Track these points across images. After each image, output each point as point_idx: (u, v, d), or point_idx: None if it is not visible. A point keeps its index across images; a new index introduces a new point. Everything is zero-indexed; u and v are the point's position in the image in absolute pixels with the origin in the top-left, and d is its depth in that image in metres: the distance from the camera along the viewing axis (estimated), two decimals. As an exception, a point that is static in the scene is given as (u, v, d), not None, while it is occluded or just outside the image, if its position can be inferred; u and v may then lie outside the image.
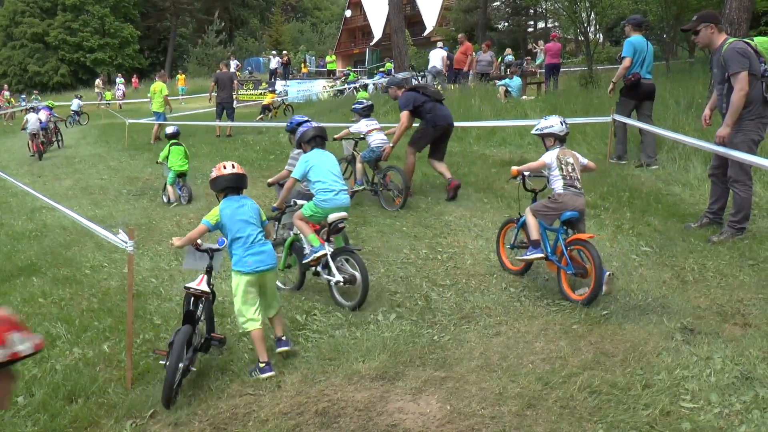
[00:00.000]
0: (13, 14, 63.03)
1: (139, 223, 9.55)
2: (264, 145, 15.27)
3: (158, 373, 4.93)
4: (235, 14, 70.03)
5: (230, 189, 4.98)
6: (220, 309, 6.09)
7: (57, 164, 16.04)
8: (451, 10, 46.26)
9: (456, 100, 15.08)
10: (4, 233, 9.73)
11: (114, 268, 7.68)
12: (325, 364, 4.87)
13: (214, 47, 54.36)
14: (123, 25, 61.97)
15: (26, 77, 61.64)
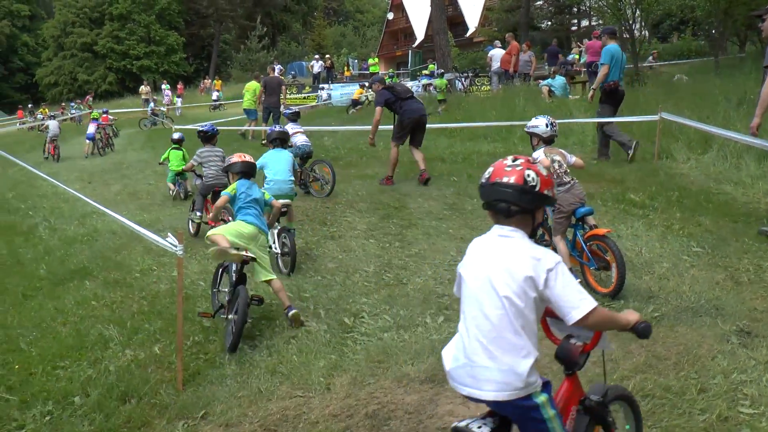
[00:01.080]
0: (64, 25, 65.17)
1: (185, 227, 9.72)
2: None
3: (209, 374, 5.02)
4: (277, 19, 70.82)
5: (244, 173, 6.17)
6: (267, 311, 6.17)
7: (106, 170, 16.44)
8: (494, 10, 45.98)
9: (500, 101, 15.00)
10: (58, 238, 9.99)
11: (163, 271, 7.83)
12: (374, 366, 4.89)
13: (257, 52, 54.99)
14: (168, 33, 63.37)
15: (76, 86, 63.58)
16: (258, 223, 5.95)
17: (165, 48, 63.34)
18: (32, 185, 14.60)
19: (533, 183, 2.62)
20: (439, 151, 13.21)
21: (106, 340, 5.81)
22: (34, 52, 76.10)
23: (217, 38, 66.33)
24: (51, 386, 4.93)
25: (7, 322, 6.55)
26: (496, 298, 2.55)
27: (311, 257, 7.80)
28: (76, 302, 6.96)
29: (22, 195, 13.65)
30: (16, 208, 12.32)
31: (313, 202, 10.16)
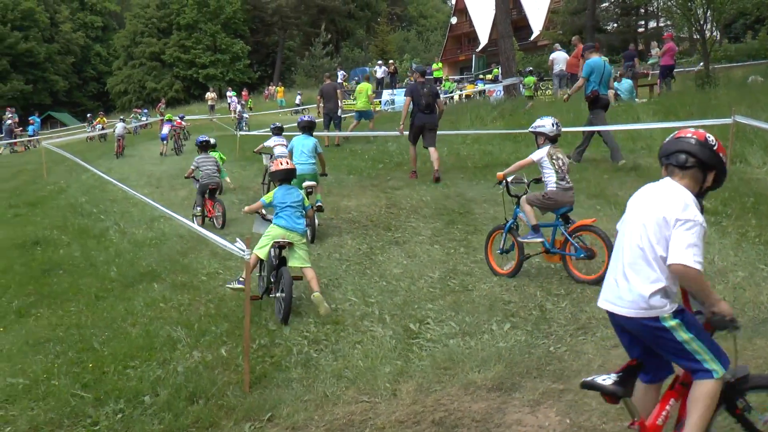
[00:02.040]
0: (134, 35, 67.60)
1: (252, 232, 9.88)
2: (372, 154, 15.46)
3: (275, 377, 5.09)
4: (341, 26, 71.57)
5: (284, 180, 6.83)
6: (333, 316, 6.21)
7: (173, 175, 16.86)
8: (558, 13, 45.32)
9: (566, 105, 14.75)
10: (127, 241, 10.32)
11: (229, 274, 7.97)
12: (440, 373, 4.87)
13: (320, 59, 55.77)
14: (233, 41, 64.82)
15: (144, 93, 65.79)
16: (287, 225, 6.57)
17: (230, 56, 64.81)
18: (103, 190, 15.11)
19: (713, 143, 3.05)
20: (504, 156, 13.08)
21: (174, 341, 5.97)
22: (106, 62, 79.21)
23: (282, 45, 67.49)
24: (122, 385, 5.09)
25: (81, 322, 6.82)
26: (640, 232, 3.02)
27: (376, 262, 7.82)
28: (145, 304, 7.18)
29: (94, 199, 14.15)
30: (88, 212, 12.78)
31: (377, 207, 10.21)
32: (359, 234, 9.02)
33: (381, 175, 12.64)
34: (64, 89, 75.57)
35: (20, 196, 15.49)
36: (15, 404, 4.99)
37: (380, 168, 13.48)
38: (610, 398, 2.96)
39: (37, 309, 7.50)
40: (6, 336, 6.66)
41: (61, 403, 4.88)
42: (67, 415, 4.71)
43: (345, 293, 6.86)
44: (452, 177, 11.65)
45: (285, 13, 62.96)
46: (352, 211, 10.18)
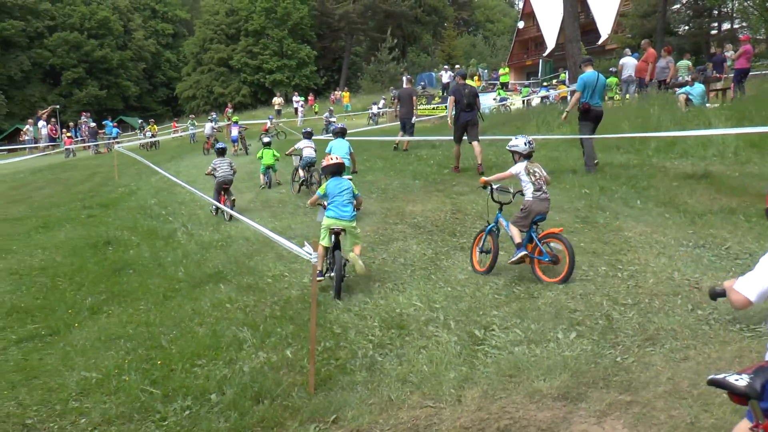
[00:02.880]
0: (203, 42, 69.54)
1: (316, 235, 9.97)
2: (438, 159, 15.44)
3: (339, 380, 5.13)
4: (407, 31, 71.86)
5: (333, 173, 7.71)
6: (398, 320, 6.22)
7: (239, 179, 17.21)
8: (628, 16, 44.31)
9: (634, 110, 14.43)
10: (194, 243, 10.59)
11: (294, 277, 8.09)
12: (505, 380, 4.83)
13: (386, 64, 56.09)
14: (300, 47, 65.85)
15: (212, 98, 67.52)
16: (335, 215, 7.38)
17: (297, 61, 65.87)
18: (172, 192, 15.58)
19: None
20: (570, 163, 12.88)
21: (240, 341, 6.09)
22: (176, 68, 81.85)
23: (348, 50, 68.22)
24: (190, 383, 5.23)
25: (150, 320, 7.03)
26: None
27: (441, 268, 7.80)
28: (212, 304, 7.35)
29: (162, 202, 14.60)
30: (157, 214, 13.19)
31: (442, 213, 10.18)
32: (424, 239, 9.02)
33: (446, 181, 12.62)
34: (135, 94, 78.53)
35: (93, 198, 16.10)
36: (89, 397, 5.21)
37: (445, 173, 13.46)
38: (738, 399, 2.84)
39: (109, 306, 7.78)
40: (80, 332, 6.93)
41: (131, 398, 5.05)
42: (137, 410, 4.87)
43: (410, 298, 6.86)
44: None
45: (352, 18, 63.64)
46: (417, 216, 10.18)
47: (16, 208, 15.58)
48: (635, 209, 9.32)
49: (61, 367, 5.95)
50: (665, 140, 13.00)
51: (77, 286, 8.73)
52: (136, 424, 4.72)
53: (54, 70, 72.79)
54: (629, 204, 9.60)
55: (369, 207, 11.27)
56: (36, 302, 8.13)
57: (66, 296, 8.28)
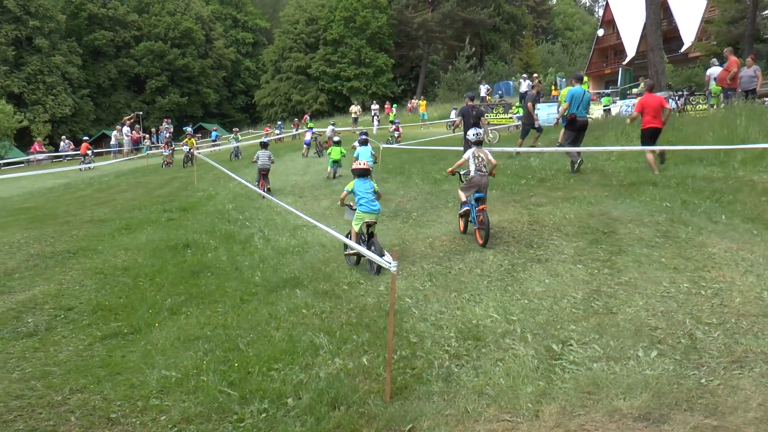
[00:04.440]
0: (282, 50, 71.29)
1: (393, 243, 10.05)
2: (514, 169, 15.28)
3: (416, 390, 5.11)
4: (485, 39, 71.62)
5: (359, 175, 9.30)
6: (475, 332, 6.16)
7: (315, 185, 17.51)
8: (713, 23, 42.69)
9: (718, 121, 13.88)
10: (271, 248, 10.79)
11: (370, 285, 8.14)
12: (583, 397, 4.74)
13: (464, 72, 55.97)
14: (378, 55, 66.53)
15: (290, 106, 69.03)
16: (367, 209, 9.02)
17: (374, 70, 66.56)
18: (249, 198, 15.94)
19: None
20: (650, 175, 12.49)
21: (316, 347, 6.15)
22: (255, 76, 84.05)
23: (426, 59, 68.44)
24: (266, 386, 5.31)
25: (228, 323, 7.20)
26: None
27: (517, 279, 7.70)
28: (288, 309, 7.46)
29: (240, 207, 14.95)
30: (235, 219, 13.50)
31: (519, 224, 10.05)
32: (501, 250, 8.93)
33: (523, 191, 12.46)
34: (215, 101, 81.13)
35: (173, 202, 16.61)
36: (169, 395, 5.37)
37: (522, 183, 13.29)
38: None
39: (188, 308, 7.99)
40: (160, 331, 7.15)
41: (209, 398, 5.18)
42: (215, 410, 4.99)
43: (486, 309, 6.81)
44: (596, 194, 11.28)
45: (430, 27, 63.83)
46: (493, 227, 10.09)
47: (101, 210, 16.25)
48: (720, 224, 8.96)
49: (143, 364, 6.15)
50: (753, 152, 12.47)
51: (157, 286, 9.02)
52: (214, 424, 4.83)
53: (139, 78, 76.05)
54: (713, 219, 9.24)
55: (444, 216, 11.25)
56: (119, 301, 8.45)
57: (147, 296, 8.56)
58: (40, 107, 63.28)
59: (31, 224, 14.54)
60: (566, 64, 69.47)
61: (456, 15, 63.56)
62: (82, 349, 6.79)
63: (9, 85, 61.59)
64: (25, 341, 7.10)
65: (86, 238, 12.59)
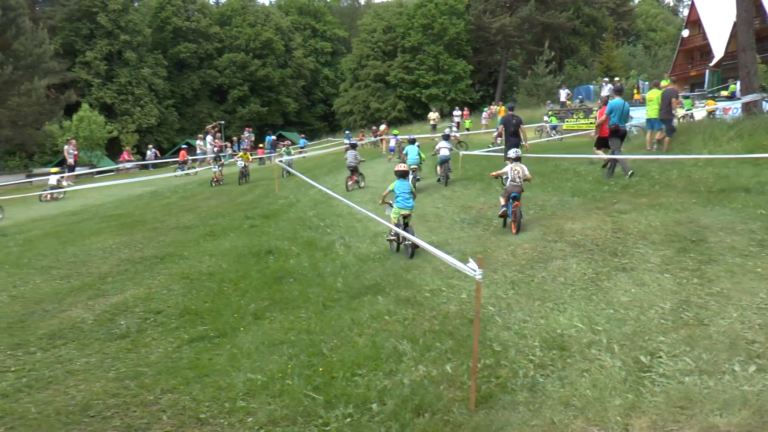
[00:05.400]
0: (360, 58, 72.23)
1: (474, 251, 9.98)
2: (596, 175, 14.98)
3: (500, 399, 5.06)
4: (565, 43, 70.47)
5: (400, 176, 11.00)
6: (559, 341, 6.04)
7: (395, 194, 17.61)
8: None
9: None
10: (352, 255, 10.90)
11: (452, 292, 8.12)
12: (676, 412, 4.61)
13: (543, 77, 55.21)
14: (456, 61, 66.51)
15: (368, 113, 69.78)
16: (402, 206, 10.77)
17: (452, 76, 66.54)
18: (329, 205, 16.16)
19: None
20: (742, 181, 11.98)
21: (399, 354, 6.18)
22: (333, 84, 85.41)
23: (504, 64, 67.91)
24: (351, 391, 5.38)
25: (311, 328, 7.31)
26: None
27: (602, 289, 7.53)
28: (370, 315, 7.52)
29: (321, 214, 15.17)
30: (316, 226, 13.72)
31: (602, 231, 9.83)
32: (584, 258, 8.75)
33: (606, 198, 12.17)
34: (294, 110, 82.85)
35: (255, 209, 17.02)
36: (255, 397, 5.50)
37: (605, 190, 12.98)
38: None
39: (271, 313, 8.16)
40: (245, 335, 7.33)
41: (295, 402, 5.28)
42: (300, 414, 5.08)
43: (570, 319, 6.70)
44: (684, 201, 10.90)
45: (508, 31, 63.30)
46: (576, 234, 9.90)
47: (186, 216, 16.81)
48: (823, 234, 8.50)
49: (229, 367, 6.32)
50: None
51: (242, 292, 9.25)
52: (300, 427, 4.92)
53: (221, 89, 78.48)
54: (816, 228, 8.78)
55: (526, 224, 11.10)
56: (205, 305, 8.70)
57: (231, 301, 8.79)
58: (129, 118, 66.29)
59: (122, 230, 15.18)
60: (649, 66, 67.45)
61: (534, 19, 62.83)
62: (171, 351, 7.04)
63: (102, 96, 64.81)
64: (119, 342, 7.42)
65: (173, 244, 13.06)
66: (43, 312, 8.93)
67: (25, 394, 6.03)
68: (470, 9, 66.68)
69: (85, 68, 65.07)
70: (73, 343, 7.50)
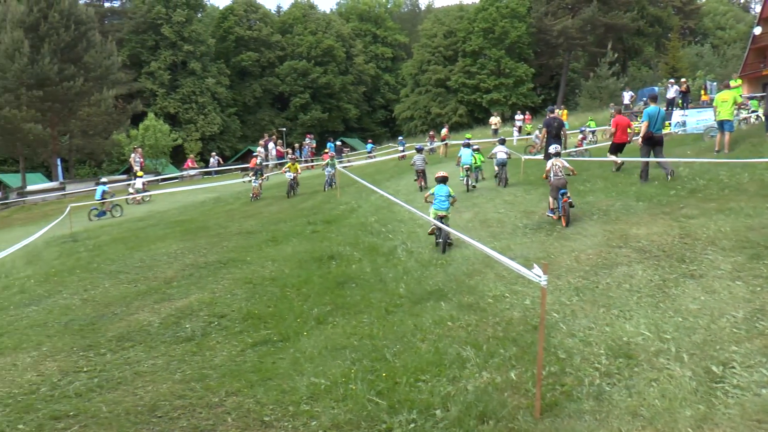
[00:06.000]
0: (421, 64, 72.42)
1: (537, 256, 9.83)
2: (661, 179, 14.57)
3: (566, 407, 4.98)
4: (629, 44, 69.00)
5: (440, 181, 11.94)
6: (626, 349, 5.91)
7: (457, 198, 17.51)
8: None
9: None
10: (414, 260, 10.91)
11: (515, 299, 8.02)
12: (752, 425, 4.46)
13: (606, 79, 54.17)
14: (517, 65, 65.95)
15: (429, 119, 69.80)
16: (438, 207, 11.68)
17: (514, 80, 66.01)
18: (391, 211, 16.19)
19: None
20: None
21: (463, 360, 6.15)
22: (394, 90, 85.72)
23: (566, 67, 66.98)
24: (414, 396, 5.37)
25: (374, 333, 7.34)
26: None
27: (669, 296, 7.32)
28: (433, 321, 7.50)
29: (382, 219, 15.21)
30: (378, 231, 13.77)
31: (669, 237, 9.56)
32: (650, 264, 8.51)
33: (673, 203, 11.82)
34: (355, 116, 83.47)
35: (317, 215, 17.20)
36: (318, 401, 5.56)
37: (672, 194, 12.60)
38: None
39: (334, 318, 8.23)
40: (308, 340, 7.41)
41: (358, 406, 5.31)
42: (363, 418, 5.11)
43: (637, 326, 6.53)
44: (755, 206, 10.48)
45: (570, 34, 62.41)
46: (641, 240, 9.66)
47: (249, 222, 17.12)
48: None
49: (292, 371, 6.40)
50: None
51: (304, 296, 9.36)
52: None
53: (282, 96, 79.74)
54: None
55: (589, 229, 10.90)
56: (268, 310, 8.84)
57: (294, 306, 8.91)
58: (192, 126, 68.03)
59: (186, 236, 15.57)
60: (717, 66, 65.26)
61: (597, 20, 61.73)
62: (235, 355, 7.18)
63: (166, 106, 66.79)
64: (184, 345, 7.61)
65: (236, 249, 13.31)
66: (112, 315, 9.25)
67: (96, 394, 6.26)
68: (531, 11, 66.03)
69: (150, 78, 67.23)
70: (140, 345, 7.75)
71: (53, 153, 43.41)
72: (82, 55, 40.92)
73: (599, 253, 9.43)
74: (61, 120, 41.29)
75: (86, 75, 40.87)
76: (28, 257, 15.00)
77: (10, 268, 13.77)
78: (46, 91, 38.49)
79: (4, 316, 9.86)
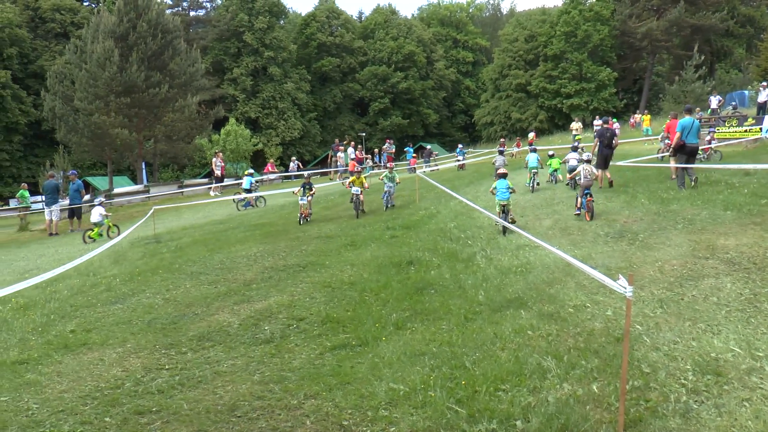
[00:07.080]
0: (501, 68, 72.02)
1: (619, 266, 9.59)
2: (752, 188, 13.97)
3: (651, 424, 4.84)
4: (717, 46, 66.41)
5: (500, 177, 14.07)
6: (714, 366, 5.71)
7: (537, 205, 17.27)
8: None
9: None
10: (494, 267, 10.80)
11: (597, 309, 7.85)
12: None
13: (691, 83, 52.27)
14: (599, 69, 64.62)
15: (509, 124, 69.23)
16: (501, 198, 13.80)
17: (595, 84, 64.68)
18: (470, 216, 16.10)
19: None
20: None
21: (543, 370, 6.06)
22: (474, 95, 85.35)
23: (650, 70, 65.13)
24: (494, 406, 5.32)
25: (452, 340, 7.32)
26: None
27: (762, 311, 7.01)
28: (513, 330, 7.42)
29: (461, 225, 15.14)
30: (457, 237, 13.72)
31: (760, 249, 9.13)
32: (740, 277, 8.17)
33: (764, 212, 11.31)
34: (435, 122, 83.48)
35: (396, 220, 17.27)
36: (397, 407, 5.58)
37: (763, 204, 12.06)
38: None
39: (412, 324, 8.25)
40: (387, 345, 7.45)
41: (437, 414, 5.30)
42: (443, 426, 5.10)
43: (726, 342, 6.30)
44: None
45: (655, 36, 60.65)
46: (730, 251, 9.28)
47: (328, 226, 17.35)
48: None
49: (371, 376, 6.45)
50: None
51: (383, 301, 9.41)
52: (442, 440, 4.93)
53: (362, 101, 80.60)
54: None
55: (673, 238, 10.55)
56: (346, 314, 8.93)
57: (372, 310, 8.97)
58: (273, 131, 69.57)
59: (266, 239, 15.90)
60: (817, 67, 61.93)
61: (684, 22, 59.72)
62: (314, 358, 7.28)
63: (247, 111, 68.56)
64: (263, 347, 7.77)
65: (314, 253, 13.51)
66: (193, 315, 9.54)
67: (177, 392, 6.47)
68: (615, 14, 64.52)
69: (232, 84, 69.23)
70: (220, 345, 7.96)
71: (138, 157, 45.18)
72: (168, 63, 42.40)
73: (684, 263, 9.12)
74: (146, 125, 42.89)
75: (171, 82, 42.31)
76: (115, 257, 15.64)
77: (98, 267, 14.38)
78: (133, 98, 40.04)
79: (92, 313, 10.30)
